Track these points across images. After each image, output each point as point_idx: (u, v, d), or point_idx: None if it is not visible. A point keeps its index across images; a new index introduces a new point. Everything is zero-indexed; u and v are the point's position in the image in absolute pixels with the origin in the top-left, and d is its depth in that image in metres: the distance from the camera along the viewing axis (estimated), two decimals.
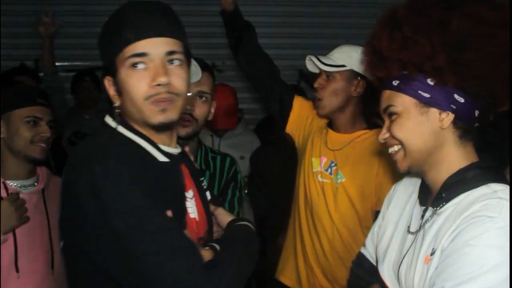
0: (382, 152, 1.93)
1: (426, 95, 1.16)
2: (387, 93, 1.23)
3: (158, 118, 1.16)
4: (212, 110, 1.89)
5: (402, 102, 1.19)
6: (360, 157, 2.07)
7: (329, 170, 2.13)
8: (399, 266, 1.24)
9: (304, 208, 2.20)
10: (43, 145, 1.89)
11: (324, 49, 4.60)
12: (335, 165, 2.12)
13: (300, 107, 2.29)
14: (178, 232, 1.09)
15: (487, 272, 1.00)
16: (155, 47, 1.15)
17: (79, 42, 4.46)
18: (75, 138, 3.63)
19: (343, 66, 2.05)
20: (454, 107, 1.16)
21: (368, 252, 1.46)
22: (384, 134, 1.23)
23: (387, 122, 1.23)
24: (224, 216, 1.34)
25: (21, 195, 1.86)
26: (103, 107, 3.54)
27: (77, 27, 4.45)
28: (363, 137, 2.10)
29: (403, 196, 1.36)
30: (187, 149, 1.36)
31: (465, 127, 1.18)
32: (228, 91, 3.34)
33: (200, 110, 1.80)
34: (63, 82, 3.50)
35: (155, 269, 1.02)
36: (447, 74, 1.13)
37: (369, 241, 1.46)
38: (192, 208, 1.26)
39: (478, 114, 1.19)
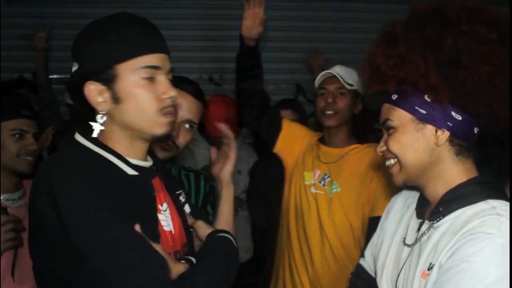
0: (375, 162, 2.06)
1: (423, 111, 1.16)
2: (386, 106, 1.24)
3: (163, 129, 1.18)
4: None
5: (399, 117, 1.20)
6: (355, 168, 2.19)
7: (322, 182, 2.24)
8: (397, 279, 1.23)
9: (294, 220, 2.26)
10: (29, 158, 1.88)
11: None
12: (329, 177, 2.22)
13: (288, 128, 2.38)
14: (143, 245, 1.07)
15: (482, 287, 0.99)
16: (165, 62, 1.19)
17: None
18: None
19: (353, 85, 2.23)
20: (451, 124, 1.15)
21: (367, 263, 1.47)
22: (381, 147, 1.25)
23: (385, 135, 1.25)
24: (203, 229, 1.33)
25: (9, 209, 1.85)
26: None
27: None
28: (356, 150, 2.25)
29: (401, 208, 1.36)
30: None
31: (462, 144, 1.17)
32: (228, 103, 3.34)
33: (184, 139, 1.75)
34: (57, 94, 3.50)
35: (116, 282, 1.01)
36: (441, 92, 1.12)
37: (368, 253, 1.46)
38: (166, 221, 1.24)
39: (477, 132, 1.18)
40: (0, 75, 3.73)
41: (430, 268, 1.11)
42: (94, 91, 1.15)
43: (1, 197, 1.88)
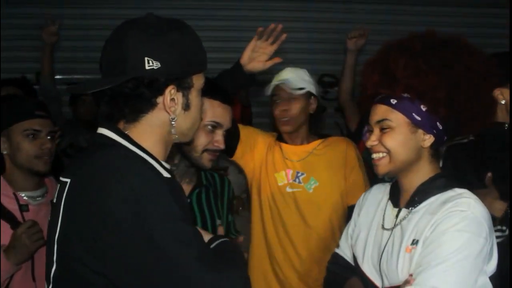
0: (347, 153, 2.33)
1: (418, 118, 1.42)
2: (383, 107, 1.46)
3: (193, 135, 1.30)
4: None
5: (397, 119, 1.43)
6: (328, 162, 2.31)
7: (297, 180, 2.30)
8: (380, 259, 1.48)
9: (271, 223, 2.30)
10: (46, 157, 1.90)
11: (322, 64, 4.70)
12: (303, 174, 2.30)
13: (245, 134, 2.36)
14: (206, 244, 1.13)
15: (462, 250, 1.30)
16: None
17: (80, 55, 4.49)
18: (70, 150, 3.64)
19: (303, 88, 2.29)
20: (435, 131, 1.44)
21: (343, 252, 1.69)
22: (373, 141, 1.47)
23: (377, 131, 1.46)
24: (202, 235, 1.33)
25: (30, 207, 1.89)
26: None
27: (79, 40, 4.48)
28: (322, 145, 2.36)
29: (373, 202, 1.62)
30: None
31: (437, 148, 1.48)
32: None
33: (222, 143, 1.78)
34: (60, 93, 3.52)
35: (199, 279, 1.03)
36: (441, 107, 1.40)
37: (343, 242, 1.70)
38: None
39: (445, 139, 1.49)
40: (0, 76, 3.75)
41: (413, 243, 1.38)
42: (172, 95, 1.16)
43: (22, 195, 1.90)
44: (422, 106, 1.42)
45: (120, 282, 1.06)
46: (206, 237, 1.30)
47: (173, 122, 1.18)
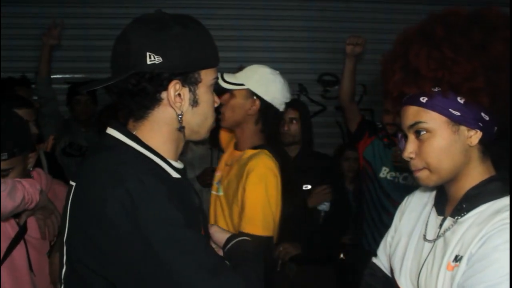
0: (249, 168, 2.01)
1: (457, 113, 1.19)
2: (413, 109, 1.23)
3: (208, 133, 1.25)
4: None
5: (432, 119, 1.20)
6: (233, 175, 2.13)
7: (218, 184, 2.26)
8: (419, 274, 1.26)
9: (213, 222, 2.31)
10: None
11: (323, 63, 4.69)
12: (220, 180, 2.24)
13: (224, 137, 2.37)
14: (212, 250, 1.10)
15: None
16: None
17: (80, 54, 4.48)
18: (70, 150, 3.64)
19: (242, 84, 2.13)
20: (481, 124, 1.19)
21: (381, 262, 1.48)
22: (410, 154, 1.24)
23: (412, 137, 1.24)
24: (220, 234, 1.32)
25: None
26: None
27: (77, 39, 4.48)
28: (246, 155, 2.14)
29: (417, 207, 1.40)
30: None
31: (487, 143, 1.23)
32: None
33: None
34: (56, 93, 3.51)
35: (196, 286, 1.00)
36: (482, 95, 1.16)
37: (381, 251, 1.49)
38: None
39: (496, 130, 1.23)
40: (0, 75, 3.75)
41: (456, 260, 1.16)
42: (178, 90, 1.14)
43: None
44: (459, 98, 1.18)
45: (120, 284, 1.05)
46: (223, 235, 1.29)
47: (179, 118, 1.15)
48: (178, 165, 1.20)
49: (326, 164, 3.12)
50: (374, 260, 1.51)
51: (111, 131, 1.18)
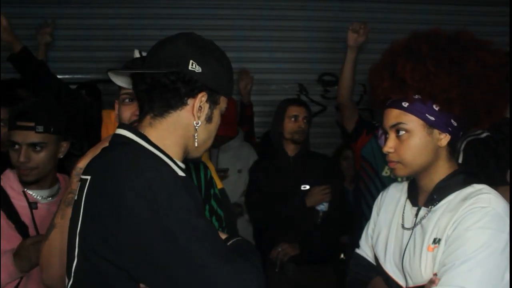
0: None
1: (432, 118, 1.41)
2: (395, 111, 1.45)
3: (202, 155, 1.34)
4: None
5: (411, 121, 1.42)
6: None
7: None
8: (402, 258, 1.47)
9: None
10: (25, 169, 1.86)
11: (323, 63, 4.70)
12: None
13: None
14: (221, 239, 1.16)
15: (486, 248, 1.29)
16: None
17: (80, 55, 4.49)
18: (72, 149, 3.64)
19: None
20: (451, 129, 1.42)
21: (364, 252, 1.68)
22: (389, 148, 1.45)
23: (392, 135, 1.45)
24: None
25: (39, 204, 1.90)
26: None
27: (78, 40, 4.49)
28: None
29: (392, 201, 1.62)
30: None
31: (453, 145, 1.47)
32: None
33: None
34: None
35: (214, 271, 1.05)
36: (455, 105, 1.39)
37: (363, 242, 1.69)
38: None
39: (461, 134, 1.49)
40: (0, 75, 3.75)
41: (435, 242, 1.38)
42: (204, 101, 1.24)
43: (31, 193, 1.91)
44: (434, 106, 1.41)
45: (137, 275, 1.09)
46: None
47: (196, 127, 1.23)
48: (183, 165, 1.26)
49: (324, 164, 3.12)
50: (358, 250, 1.70)
51: (120, 131, 1.24)
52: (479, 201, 1.35)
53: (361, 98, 4.64)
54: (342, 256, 3.55)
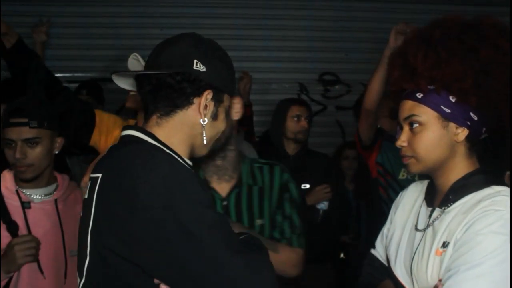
0: None
1: (448, 110, 1.30)
2: (409, 103, 1.35)
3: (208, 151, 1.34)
4: None
5: (425, 113, 1.32)
6: None
7: None
8: (411, 262, 1.37)
9: None
10: (22, 167, 1.84)
11: (323, 62, 4.70)
12: None
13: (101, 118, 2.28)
14: (234, 232, 1.17)
15: (496, 255, 1.18)
16: None
17: (79, 54, 4.48)
18: (73, 148, 3.62)
19: None
20: (469, 123, 1.31)
21: (378, 253, 1.59)
22: (402, 142, 1.36)
23: (406, 129, 1.36)
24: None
25: (32, 204, 1.88)
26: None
27: (77, 38, 4.48)
28: None
29: (409, 201, 1.51)
30: None
31: (474, 141, 1.34)
32: None
33: None
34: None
35: (228, 260, 1.06)
36: (470, 95, 1.28)
37: (378, 243, 1.60)
38: None
39: (484, 131, 1.35)
40: (0, 74, 3.75)
41: (444, 246, 1.28)
42: (209, 99, 1.25)
43: (26, 192, 1.89)
44: (451, 97, 1.30)
45: (151, 269, 1.09)
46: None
47: (203, 125, 1.25)
48: (190, 162, 1.27)
49: (324, 163, 3.12)
50: (372, 251, 1.61)
51: (128, 131, 1.25)
52: (494, 203, 1.24)
53: (361, 97, 4.64)
54: (342, 255, 3.55)
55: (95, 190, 1.16)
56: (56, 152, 1.96)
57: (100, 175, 1.16)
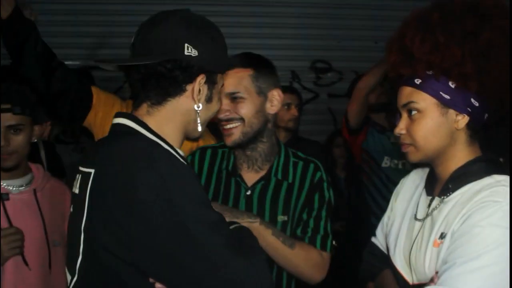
0: None
1: (447, 96, 1.25)
2: (407, 89, 1.30)
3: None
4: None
5: (423, 100, 1.27)
6: None
7: None
8: (410, 252, 1.34)
9: None
10: (5, 156, 1.80)
11: (316, 50, 4.67)
12: None
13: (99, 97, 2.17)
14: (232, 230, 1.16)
15: (493, 249, 1.13)
16: None
17: (72, 41, 4.43)
18: (63, 137, 3.61)
19: None
20: (470, 110, 1.26)
21: (379, 241, 1.56)
22: (400, 130, 1.31)
23: (404, 116, 1.31)
24: None
25: (11, 195, 1.84)
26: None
27: (72, 25, 4.43)
28: None
29: (410, 189, 1.47)
30: None
31: (475, 128, 1.30)
32: None
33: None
34: None
35: (228, 257, 1.06)
36: (471, 81, 1.22)
37: (379, 231, 1.57)
38: None
39: (486, 117, 1.30)
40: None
41: (442, 237, 1.24)
42: (202, 83, 1.21)
43: (3, 184, 1.85)
44: (450, 83, 1.25)
45: (148, 269, 1.07)
46: None
47: (198, 111, 1.21)
48: (182, 153, 1.24)
49: (315, 151, 3.12)
50: (373, 239, 1.59)
51: (120, 120, 1.20)
52: (494, 194, 1.19)
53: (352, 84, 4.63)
54: (333, 243, 3.56)
55: (88, 186, 1.11)
56: (34, 140, 1.92)
57: (92, 170, 1.11)
